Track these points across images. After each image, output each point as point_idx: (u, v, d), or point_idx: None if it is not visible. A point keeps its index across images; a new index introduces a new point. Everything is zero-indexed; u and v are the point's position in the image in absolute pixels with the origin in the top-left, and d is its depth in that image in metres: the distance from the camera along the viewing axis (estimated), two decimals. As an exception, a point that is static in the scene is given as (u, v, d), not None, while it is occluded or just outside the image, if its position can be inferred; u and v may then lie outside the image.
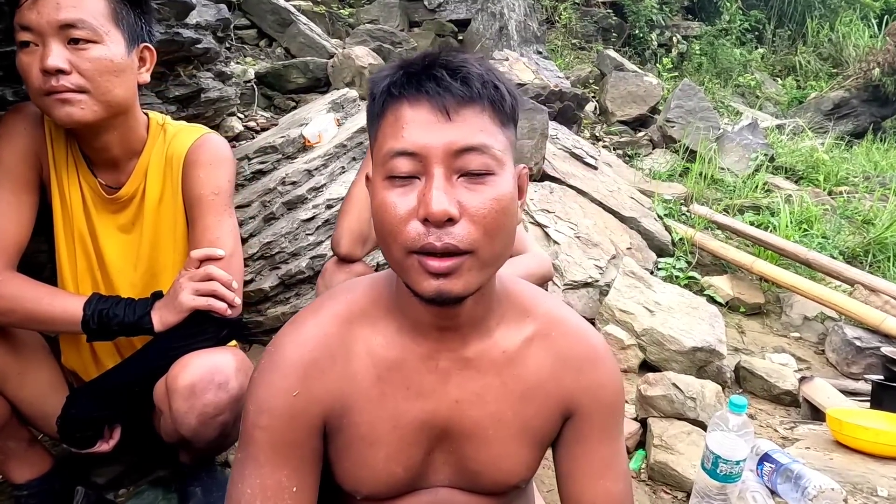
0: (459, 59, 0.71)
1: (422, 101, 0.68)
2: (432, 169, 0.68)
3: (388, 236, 0.70)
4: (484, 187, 0.69)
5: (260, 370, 0.80)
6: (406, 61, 0.72)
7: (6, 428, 1.18)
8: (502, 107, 0.71)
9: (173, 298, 1.13)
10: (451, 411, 0.82)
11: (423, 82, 0.69)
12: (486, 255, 0.70)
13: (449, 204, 0.66)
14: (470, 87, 0.69)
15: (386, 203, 0.69)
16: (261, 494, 0.77)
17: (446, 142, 0.68)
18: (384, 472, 0.82)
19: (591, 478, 0.85)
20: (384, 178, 0.70)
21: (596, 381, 0.85)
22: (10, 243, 1.12)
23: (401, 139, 0.69)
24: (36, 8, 1.03)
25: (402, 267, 0.71)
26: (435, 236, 0.67)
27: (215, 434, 1.11)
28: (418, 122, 0.68)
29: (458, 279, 0.69)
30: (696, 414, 1.65)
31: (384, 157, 0.70)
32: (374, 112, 0.73)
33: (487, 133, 0.70)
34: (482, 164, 0.69)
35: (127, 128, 1.18)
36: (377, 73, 0.74)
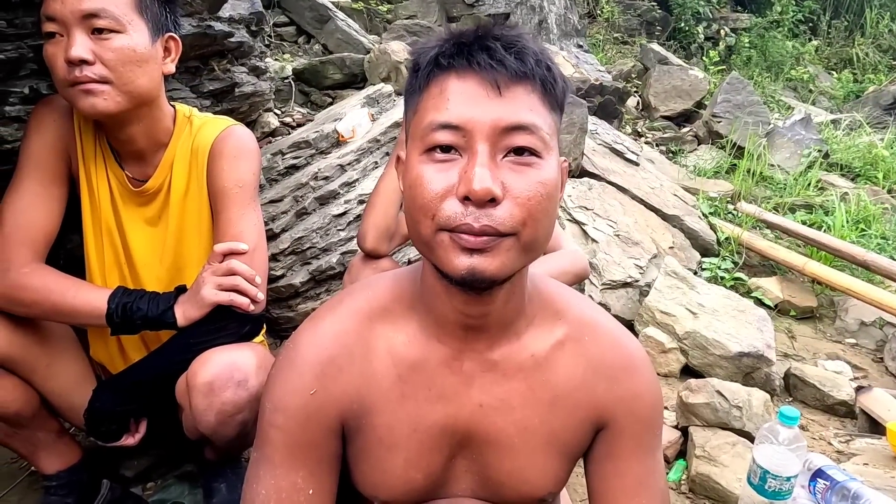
0: (514, 34, 0.66)
1: (471, 74, 0.64)
2: (476, 145, 0.63)
3: (419, 212, 0.65)
4: (530, 169, 0.64)
5: (276, 368, 0.77)
6: (457, 32, 0.67)
7: (35, 418, 1.19)
8: (553, 89, 0.66)
9: (196, 293, 1.11)
10: (474, 416, 0.77)
11: (474, 53, 0.64)
12: (526, 240, 0.64)
13: (493, 183, 0.61)
14: (524, 62, 0.64)
15: (422, 177, 0.64)
16: (275, 496, 0.73)
17: (494, 117, 0.63)
18: (403, 478, 0.77)
19: (625, 497, 0.79)
20: (422, 153, 0.65)
21: (631, 390, 0.78)
22: (38, 235, 1.12)
23: (444, 111, 0.64)
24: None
25: (430, 245, 0.66)
26: (473, 217, 0.62)
27: (234, 432, 1.09)
28: (465, 94, 0.64)
29: (494, 258, 0.63)
30: (742, 424, 1.55)
31: (424, 129, 0.65)
32: (417, 85, 0.68)
33: (537, 113, 0.65)
34: (530, 144, 0.64)
35: (152, 119, 1.17)
36: (423, 44, 0.69)
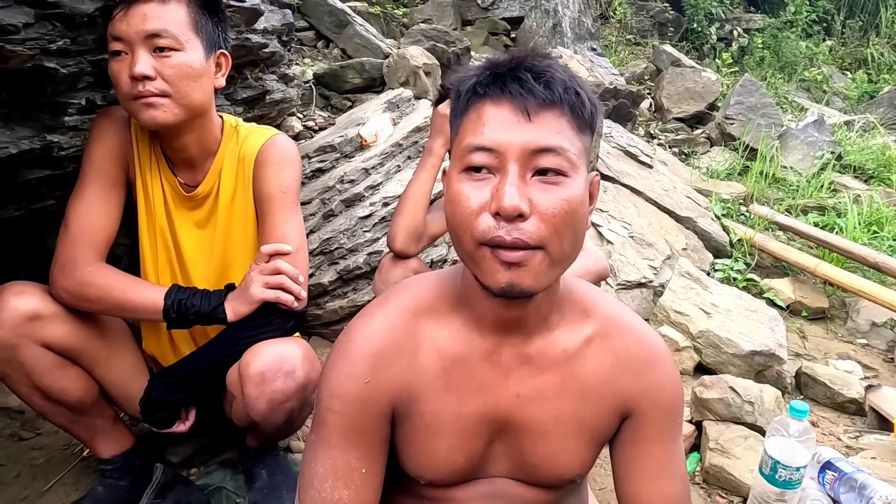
0: (545, 64, 0.73)
1: (504, 101, 0.71)
2: (507, 166, 0.71)
3: (459, 227, 0.73)
4: (556, 188, 0.71)
5: (333, 359, 0.85)
6: (493, 62, 0.75)
7: (95, 406, 1.28)
8: (581, 113, 0.73)
9: (245, 290, 1.20)
10: (511, 405, 0.85)
11: (507, 83, 0.71)
12: (555, 253, 0.72)
13: (520, 200, 0.69)
14: (552, 91, 0.71)
15: (460, 194, 0.72)
16: (332, 474, 0.81)
17: (524, 141, 0.70)
18: (446, 460, 0.85)
19: (648, 479, 0.86)
20: (461, 171, 0.74)
21: (654, 383, 0.86)
22: (100, 237, 1.22)
23: (480, 135, 0.72)
24: (126, 19, 1.11)
25: (473, 259, 0.73)
26: (504, 230, 0.69)
27: (283, 419, 1.18)
28: (499, 120, 0.71)
29: (529, 272, 0.71)
30: (755, 419, 1.62)
31: (463, 150, 0.73)
32: (459, 109, 0.77)
33: (564, 136, 0.72)
34: (556, 165, 0.71)
35: (204, 129, 1.26)
36: (464, 73, 0.77)
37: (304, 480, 0.84)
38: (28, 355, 1.15)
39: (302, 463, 0.86)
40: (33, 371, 1.17)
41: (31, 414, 1.70)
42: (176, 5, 1.14)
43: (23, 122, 1.32)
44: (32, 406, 1.24)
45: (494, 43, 5.25)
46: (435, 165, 1.44)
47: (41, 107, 1.35)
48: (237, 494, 1.42)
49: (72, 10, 1.21)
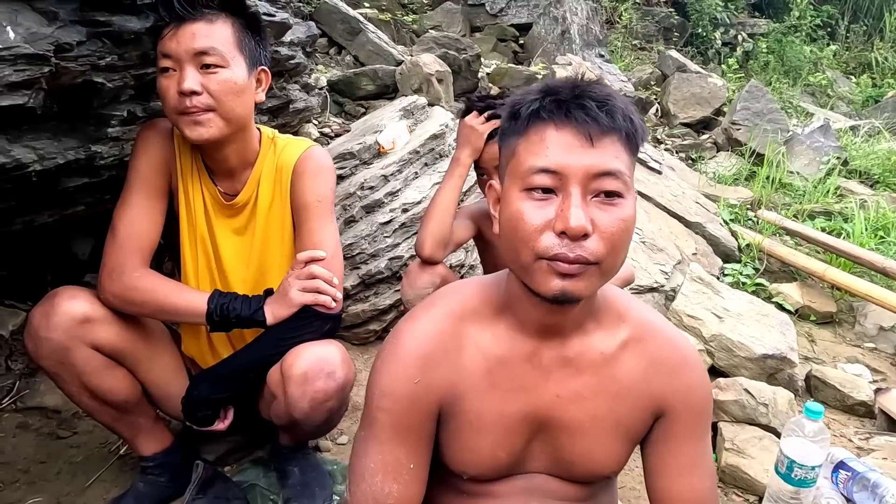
0: (605, 93, 0.78)
1: (568, 126, 0.76)
2: (570, 188, 0.76)
3: (519, 242, 0.78)
4: (614, 208, 0.77)
5: (382, 359, 0.90)
6: (552, 88, 0.80)
7: (138, 405, 1.34)
8: (634, 138, 0.79)
9: (284, 295, 1.26)
10: (550, 405, 0.90)
11: (572, 110, 0.76)
12: (607, 267, 0.78)
13: (586, 221, 0.74)
14: (613, 118, 0.76)
15: (522, 213, 0.77)
16: (382, 469, 0.87)
17: (586, 165, 0.75)
18: (489, 456, 0.91)
19: (678, 474, 0.92)
20: (522, 190, 0.78)
21: (686, 384, 0.91)
22: (145, 244, 1.28)
23: (544, 157, 0.76)
24: (176, 38, 1.17)
25: (528, 269, 0.79)
26: (568, 248, 0.75)
27: (323, 418, 1.23)
28: (562, 144, 0.76)
29: (581, 282, 0.77)
30: (769, 420, 1.67)
31: (525, 171, 0.78)
32: (516, 130, 0.81)
33: (621, 160, 0.77)
34: (615, 187, 0.76)
35: (244, 141, 1.32)
36: (521, 96, 0.82)
37: (354, 475, 0.89)
38: (79, 356, 1.21)
39: (352, 458, 0.91)
40: (83, 371, 1.22)
41: (67, 413, 1.76)
42: (222, 24, 1.20)
43: (69, 133, 1.38)
44: (80, 405, 1.30)
45: (503, 49, 5.32)
46: (462, 175, 1.49)
47: (87, 119, 1.41)
48: (270, 491, 1.47)
49: (120, 28, 1.27)
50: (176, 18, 1.18)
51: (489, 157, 1.48)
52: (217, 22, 1.19)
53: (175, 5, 1.17)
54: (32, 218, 1.68)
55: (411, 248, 2.18)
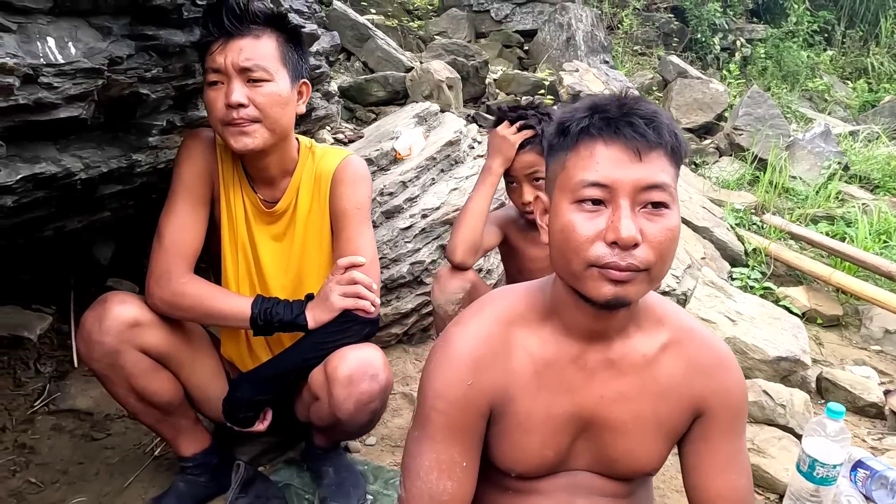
0: (651, 110, 0.83)
1: (617, 142, 0.81)
2: (619, 200, 0.80)
3: (571, 252, 0.82)
4: (661, 218, 0.81)
5: (434, 363, 0.94)
6: (599, 105, 0.84)
7: (180, 407, 1.38)
8: (678, 152, 0.84)
9: (325, 300, 1.30)
10: (595, 405, 0.94)
11: (620, 127, 0.81)
12: (656, 273, 0.82)
13: (636, 232, 0.79)
14: (660, 134, 0.81)
15: (574, 224, 0.82)
16: (436, 467, 0.91)
17: (635, 178, 0.80)
18: (537, 455, 0.95)
19: (716, 472, 0.96)
20: (572, 202, 0.83)
21: (724, 385, 0.96)
22: (189, 251, 1.32)
23: (594, 171, 0.81)
24: (224, 53, 1.22)
25: (579, 276, 0.83)
26: (619, 257, 0.79)
27: (366, 419, 1.28)
28: (611, 159, 0.81)
29: (631, 287, 0.81)
30: (786, 420, 1.72)
31: (576, 184, 0.82)
32: (566, 145, 0.85)
33: (667, 173, 0.82)
34: (662, 199, 0.81)
35: (284, 151, 1.36)
36: (568, 113, 0.87)
37: (409, 473, 0.93)
38: (128, 359, 1.25)
39: (405, 458, 0.96)
40: (132, 374, 1.26)
41: (100, 415, 1.79)
42: (267, 39, 1.24)
43: (112, 143, 1.42)
44: (127, 407, 1.34)
45: (508, 55, 5.38)
46: (493, 184, 1.54)
47: (128, 128, 1.45)
48: (304, 491, 1.51)
49: (166, 41, 1.31)
50: (224, 34, 1.22)
51: (520, 165, 1.52)
52: (263, 37, 1.24)
53: (224, 22, 1.21)
54: (63, 224, 1.71)
55: (432, 253, 2.23)
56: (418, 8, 5.86)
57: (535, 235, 1.66)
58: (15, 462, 1.59)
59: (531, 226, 1.66)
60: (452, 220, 2.31)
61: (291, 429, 1.55)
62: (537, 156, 1.52)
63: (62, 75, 1.07)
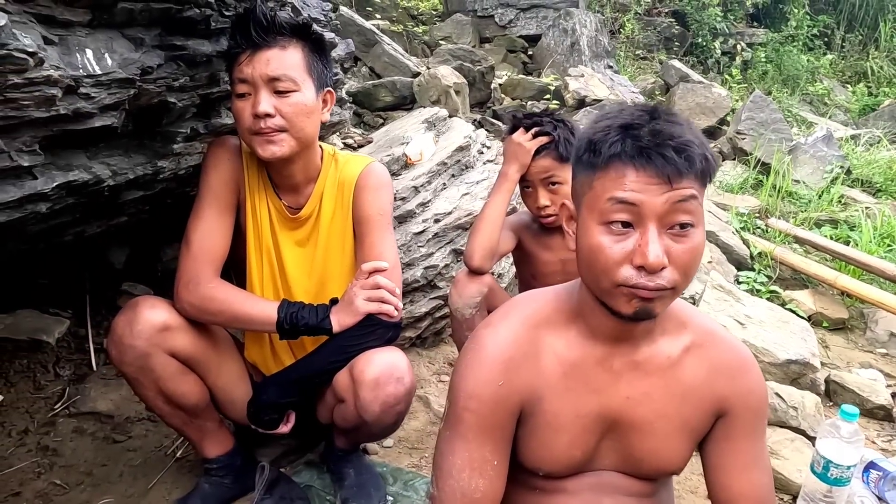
0: (684, 139, 0.83)
1: (648, 168, 0.81)
2: (648, 223, 0.82)
3: (600, 272, 0.85)
4: (686, 239, 0.83)
5: (466, 364, 0.96)
6: (630, 128, 0.84)
7: (206, 410, 1.40)
8: (708, 175, 0.85)
9: (350, 304, 1.32)
10: (621, 406, 0.97)
11: (652, 156, 0.81)
12: (681, 289, 0.85)
13: (663, 256, 0.81)
14: (691, 163, 0.82)
15: (602, 245, 0.84)
16: (468, 465, 0.93)
17: (663, 202, 0.81)
18: (565, 454, 0.97)
19: (739, 470, 0.99)
20: (600, 223, 0.84)
21: (745, 386, 0.98)
22: (217, 256, 1.35)
23: (623, 193, 0.82)
24: (252, 64, 1.24)
25: (608, 294, 0.86)
26: (647, 278, 0.82)
27: (392, 421, 1.30)
28: (641, 183, 0.82)
29: (658, 303, 0.84)
30: (798, 423, 1.75)
31: (604, 204, 0.84)
32: (595, 164, 0.86)
33: (695, 194, 0.83)
34: (688, 220, 0.83)
35: (308, 158, 1.39)
36: (599, 130, 0.86)
37: (441, 471, 0.96)
38: (157, 363, 1.27)
39: (436, 457, 0.98)
40: (161, 377, 1.29)
41: (120, 418, 1.82)
42: (294, 50, 1.27)
43: (138, 150, 1.45)
44: (154, 409, 1.36)
45: (512, 60, 5.42)
46: (509, 190, 1.57)
47: (153, 136, 1.47)
48: (325, 492, 1.53)
49: (194, 51, 1.34)
50: (251, 46, 1.25)
51: (536, 170, 1.55)
52: (289, 48, 1.27)
53: (251, 34, 1.24)
54: (83, 229, 1.74)
55: (446, 257, 2.25)
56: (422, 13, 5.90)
57: (548, 240, 1.69)
58: (39, 464, 1.62)
59: (545, 230, 1.69)
60: (465, 224, 2.34)
61: (311, 431, 1.57)
62: (553, 161, 1.55)
63: (99, 85, 1.10)
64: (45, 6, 0.95)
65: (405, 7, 5.85)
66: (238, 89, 1.26)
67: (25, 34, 0.87)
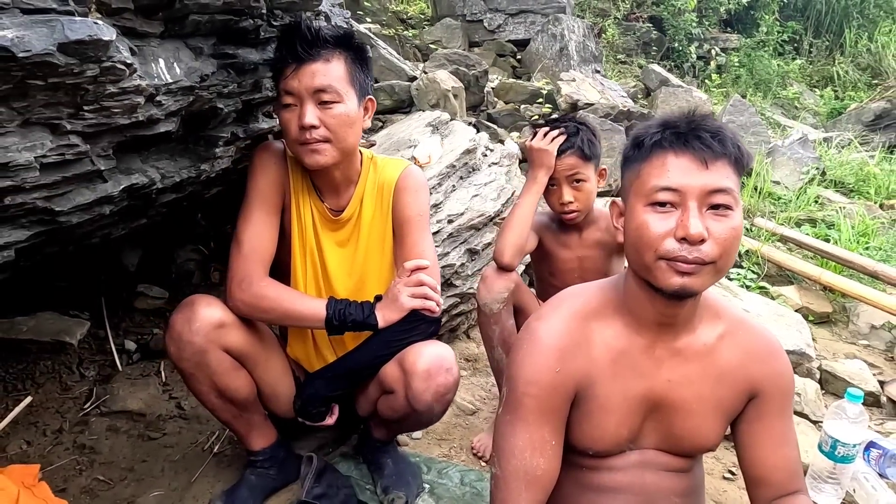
0: (716, 126, 0.95)
1: (686, 153, 0.93)
2: (688, 202, 0.92)
3: (645, 246, 0.94)
4: (725, 219, 0.93)
5: (522, 353, 1.05)
6: (669, 122, 0.96)
7: (254, 403, 1.45)
8: (742, 161, 0.96)
9: (394, 301, 1.39)
10: (663, 389, 1.06)
11: (689, 140, 0.93)
12: (721, 266, 0.94)
13: (703, 229, 0.91)
14: (725, 146, 0.93)
15: (648, 223, 0.94)
16: (529, 446, 1.02)
17: (702, 184, 0.92)
18: (615, 434, 1.06)
19: (772, 446, 1.09)
20: (646, 205, 0.95)
21: (776, 370, 1.09)
22: (266, 256, 1.40)
23: (666, 178, 0.93)
24: (297, 77, 1.30)
25: (650, 268, 0.95)
26: (687, 251, 0.91)
27: (442, 409, 1.38)
28: (681, 167, 0.93)
29: (698, 278, 0.93)
30: (801, 408, 1.87)
31: (650, 189, 0.94)
32: (639, 156, 0.98)
33: (730, 180, 0.94)
34: (725, 201, 0.93)
35: (349, 163, 1.45)
36: (641, 129, 0.99)
37: (503, 452, 1.04)
38: (213, 358, 1.33)
39: (497, 439, 1.06)
40: (216, 372, 1.34)
41: (152, 416, 1.85)
42: (337, 63, 1.33)
43: (183, 154, 1.50)
44: (206, 403, 1.41)
45: (502, 64, 5.52)
46: (538, 192, 1.66)
47: (198, 140, 1.52)
48: (364, 482, 1.60)
49: (243, 60, 1.40)
50: (297, 59, 1.31)
51: (562, 168, 1.65)
52: (332, 61, 1.33)
53: (297, 49, 1.30)
54: (110, 231, 1.77)
55: (461, 257, 2.33)
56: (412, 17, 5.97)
57: (567, 239, 1.79)
58: (78, 462, 1.65)
59: (563, 229, 1.79)
60: (477, 224, 2.43)
61: (346, 424, 1.63)
62: (577, 159, 1.65)
63: (168, 93, 1.16)
64: (128, 18, 1.00)
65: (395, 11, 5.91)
66: (284, 100, 1.32)
67: (122, 46, 0.92)
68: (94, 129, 0.99)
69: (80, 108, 0.93)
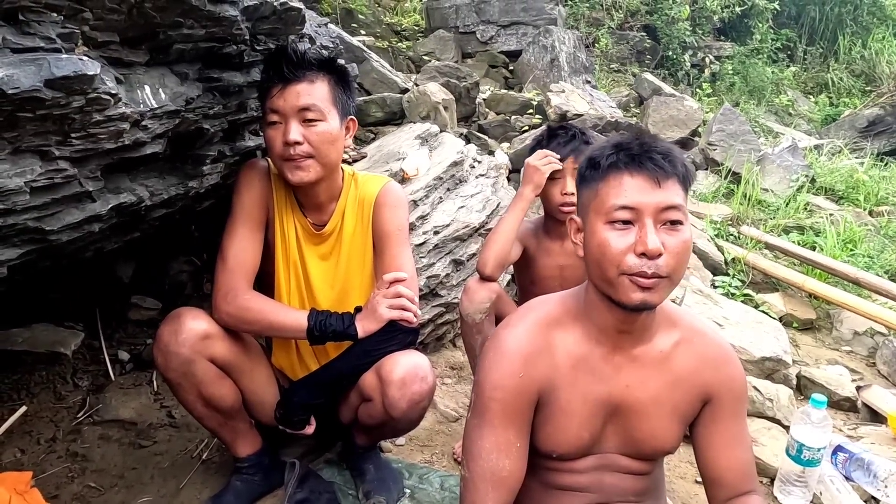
0: (666, 147, 1.03)
1: (641, 173, 1.00)
2: (645, 219, 0.99)
3: (607, 262, 1.00)
4: (677, 233, 1.00)
5: (489, 360, 1.11)
6: (622, 143, 1.03)
7: (240, 412, 1.51)
8: (688, 179, 1.03)
9: (373, 311, 1.45)
10: (622, 393, 1.12)
11: (643, 161, 1.00)
12: (675, 279, 1.01)
13: (660, 244, 0.97)
14: (675, 166, 1.00)
15: (608, 240, 1.00)
16: (495, 448, 1.08)
17: (657, 202, 0.99)
18: (576, 437, 1.12)
19: (724, 448, 1.15)
20: (605, 223, 1.01)
21: (729, 375, 1.15)
22: (250, 269, 1.46)
23: (623, 197, 1.00)
24: (283, 96, 1.37)
25: (613, 283, 1.01)
26: (647, 265, 0.98)
27: (417, 416, 1.43)
28: (637, 186, 1.00)
29: (657, 293, 1.00)
30: (774, 413, 1.92)
31: (608, 208, 1.01)
32: (596, 176, 1.04)
33: (680, 196, 1.01)
34: (677, 217, 1.00)
35: (331, 179, 1.52)
36: (597, 149, 1.06)
37: (471, 455, 1.10)
38: (199, 368, 1.39)
39: (466, 443, 1.12)
40: (202, 382, 1.40)
41: (143, 425, 1.91)
42: (321, 84, 1.40)
43: (171, 172, 1.57)
44: (193, 412, 1.47)
45: (494, 75, 5.60)
46: (524, 208, 1.72)
47: (185, 159, 1.59)
48: (347, 487, 1.65)
49: (228, 82, 1.47)
50: (283, 80, 1.38)
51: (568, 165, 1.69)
52: (317, 82, 1.40)
53: (283, 70, 1.37)
54: (102, 245, 1.84)
55: (446, 267, 2.39)
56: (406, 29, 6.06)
57: (549, 246, 1.84)
58: (70, 469, 1.70)
59: (548, 236, 1.83)
60: (462, 235, 2.49)
61: (330, 432, 1.69)
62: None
63: (154, 117, 1.22)
64: (114, 49, 1.07)
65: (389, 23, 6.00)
66: (270, 118, 1.39)
67: (107, 77, 0.99)
68: (82, 154, 1.05)
69: (67, 136, 0.99)
